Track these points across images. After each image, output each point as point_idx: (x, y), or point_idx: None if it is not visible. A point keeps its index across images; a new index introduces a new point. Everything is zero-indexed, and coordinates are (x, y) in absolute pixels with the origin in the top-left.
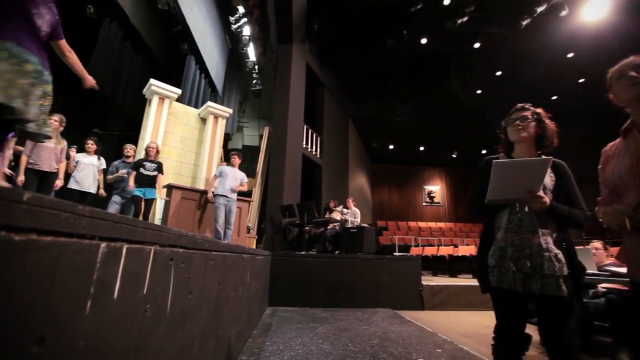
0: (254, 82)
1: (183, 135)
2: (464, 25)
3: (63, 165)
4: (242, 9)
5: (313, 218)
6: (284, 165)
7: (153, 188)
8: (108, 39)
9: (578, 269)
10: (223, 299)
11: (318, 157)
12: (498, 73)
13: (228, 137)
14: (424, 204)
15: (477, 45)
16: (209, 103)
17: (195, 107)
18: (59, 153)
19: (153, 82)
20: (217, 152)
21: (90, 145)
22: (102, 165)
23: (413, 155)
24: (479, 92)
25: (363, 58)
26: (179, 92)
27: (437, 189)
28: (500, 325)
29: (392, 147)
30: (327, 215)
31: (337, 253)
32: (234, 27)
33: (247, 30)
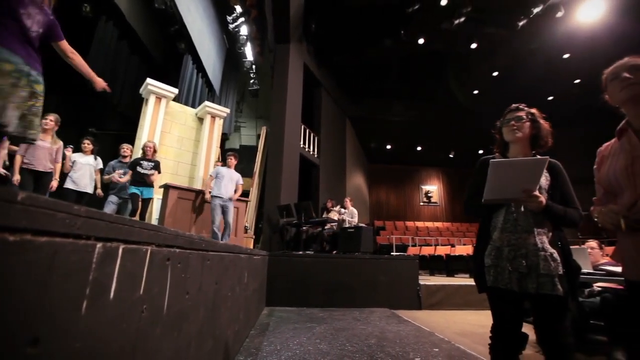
0: (252, 81)
1: (180, 135)
2: (461, 26)
3: (58, 166)
4: (239, 9)
5: (310, 218)
6: (282, 165)
7: (151, 187)
8: (104, 38)
9: (573, 268)
10: (220, 299)
11: (315, 156)
12: (495, 73)
13: (225, 136)
14: (421, 204)
15: (474, 46)
16: (206, 103)
17: (193, 106)
18: (55, 153)
19: (150, 81)
20: (214, 151)
21: (87, 145)
22: (98, 165)
23: (410, 155)
24: (476, 92)
25: (360, 58)
26: (176, 91)
27: (434, 189)
28: (497, 325)
29: (389, 147)
30: (324, 215)
31: (334, 253)
32: (232, 26)
33: (244, 30)
